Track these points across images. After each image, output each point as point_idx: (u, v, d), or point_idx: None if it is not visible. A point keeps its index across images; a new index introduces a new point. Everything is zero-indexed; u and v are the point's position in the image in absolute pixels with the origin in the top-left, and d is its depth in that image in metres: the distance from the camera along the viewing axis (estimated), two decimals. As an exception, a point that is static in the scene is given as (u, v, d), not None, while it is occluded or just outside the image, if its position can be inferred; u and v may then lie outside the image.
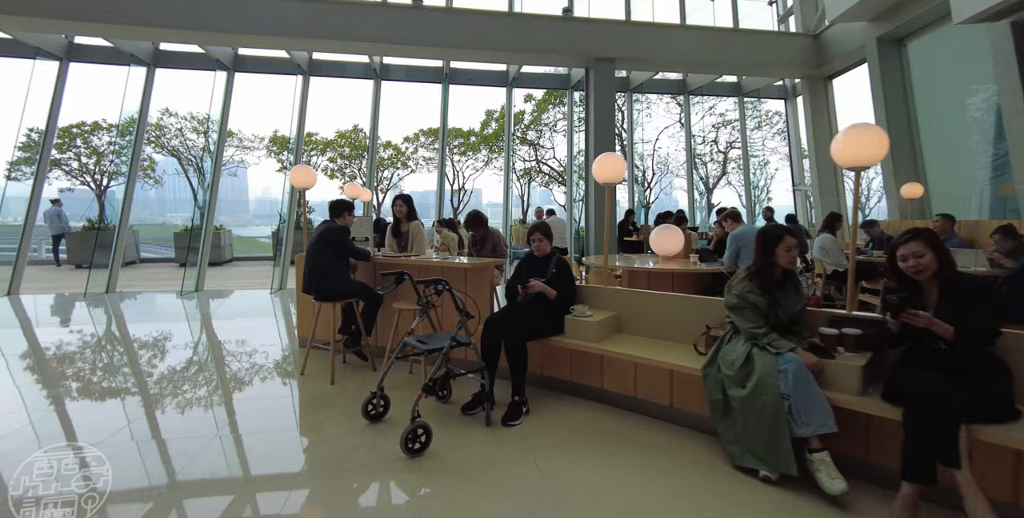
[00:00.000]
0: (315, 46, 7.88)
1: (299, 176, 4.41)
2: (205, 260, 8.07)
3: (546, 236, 3.33)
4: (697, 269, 4.73)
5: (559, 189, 13.80)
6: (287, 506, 2.07)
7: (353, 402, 3.15)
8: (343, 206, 3.86)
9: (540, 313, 3.12)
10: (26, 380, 3.64)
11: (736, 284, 2.34)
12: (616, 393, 3.05)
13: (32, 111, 8.02)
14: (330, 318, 3.77)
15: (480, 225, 4.30)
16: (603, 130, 7.82)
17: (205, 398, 3.27)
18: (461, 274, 3.74)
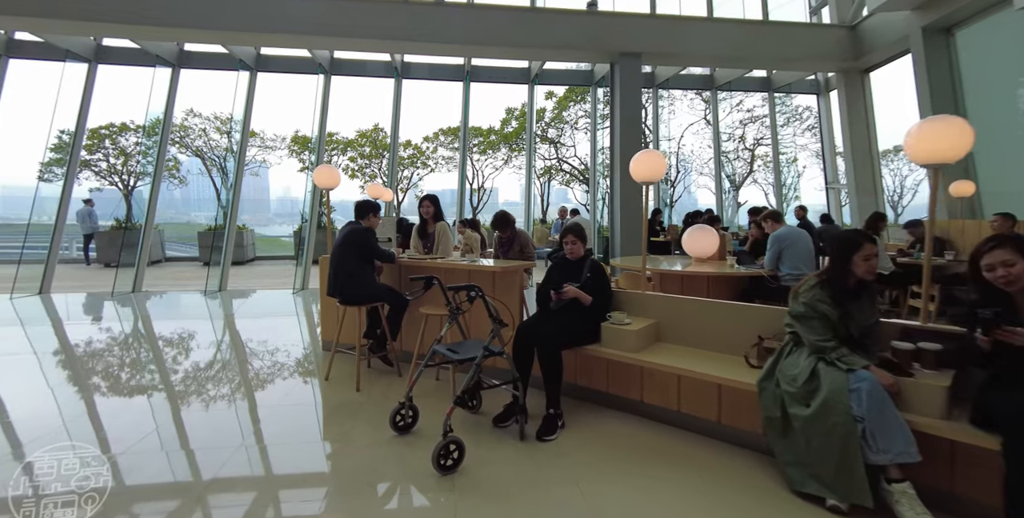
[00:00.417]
0: (336, 44, 7.83)
1: (323, 176, 4.32)
2: (228, 260, 8.10)
3: (580, 238, 3.16)
4: (735, 272, 4.50)
5: (579, 188, 13.57)
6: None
7: (379, 410, 3.03)
8: (369, 207, 3.75)
9: (574, 320, 2.95)
10: (53, 382, 3.62)
11: (804, 291, 2.13)
12: (657, 406, 2.87)
13: (63, 113, 8.16)
14: (355, 322, 3.67)
15: (507, 226, 4.15)
16: (629, 127, 7.59)
17: (229, 404, 3.19)
18: (489, 278, 3.59)
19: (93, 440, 2.67)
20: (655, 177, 3.13)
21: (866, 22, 7.81)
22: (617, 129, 7.66)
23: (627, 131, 7.57)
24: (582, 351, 2.95)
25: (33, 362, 4.16)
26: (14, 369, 3.95)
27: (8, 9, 6.24)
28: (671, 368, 2.66)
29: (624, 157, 7.50)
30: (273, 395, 3.33)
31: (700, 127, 14.03)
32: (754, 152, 13.53)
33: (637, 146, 7.64)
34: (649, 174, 3.08)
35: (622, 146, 7.54)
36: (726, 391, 2.61)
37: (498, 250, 4.27)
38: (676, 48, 7.80)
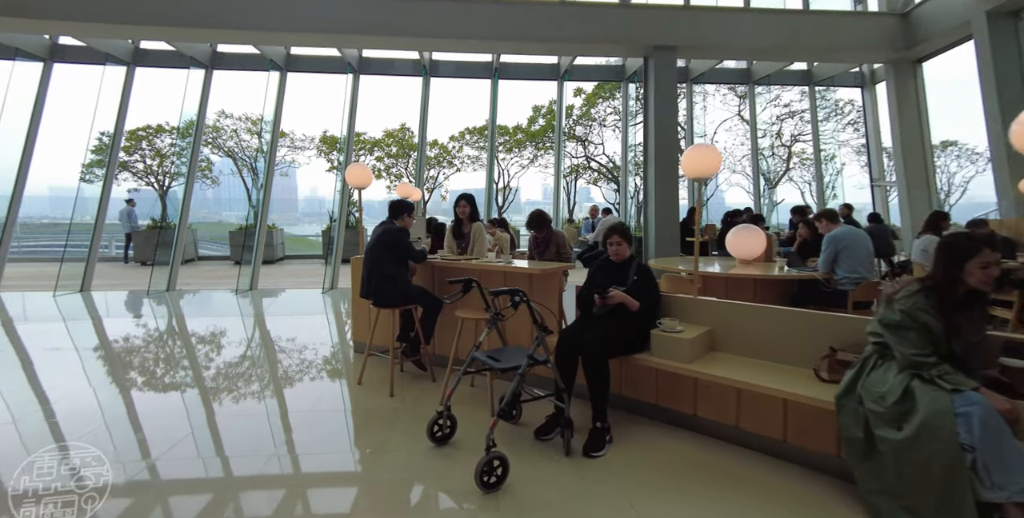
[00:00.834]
0: (364, 43, 7.78)
1: (355, 175, 4.23)
2: (259, 259, 8.16)
3: (626, 238, 2.97)
4: (785, 275, 4.23)
5: (607, 186, 13.28)
6: (354, 549, 1.83)
7: (414, 418, 2.91)
8: (403, 207, 3.63)
9: (621, 327, 2.76)
10: (92, 380, 3.62)
11: (903, 298, 1.88)
12: (713, 421, 2.66)
13: (103, 115, 8.37)
14: (388, 324, 3.56)
15: (544, 226, 3.98)
16: (664, 123, 7.31)
17: (262, 409, 3.11)
18: (526, 280, 3.43)
19: (132, 444, 2.62)
20: (708, 173, 2.91)
21: (920, 9, 7.34)
22: (651, 126, 7.39)
23: (662, 128, 7.30)
24: (629, 360, 2.76)
25: (73, 361, 4.20)
26: (56, 366, 3.99)
27: (54, 14, 6.39)
28: (730, 381, 2.44)
29: (659, 155, 7.24)
30: (306, 400, 3.24)
31: (733, 123, 13.58)
32: (791, 149, 13.01)
33: (673, 143, 7.36)
34: (702, 170, 2.86)
35: (656, 143, 7.27)
36: (793, 407, 2.38)
37: (533, 251, 4.10)
38: (712, 41, 7.49)
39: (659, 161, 7.21)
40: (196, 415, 3.03)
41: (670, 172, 7.23)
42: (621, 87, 9.74)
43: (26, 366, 4.08)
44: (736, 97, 13.29)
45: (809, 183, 14.60)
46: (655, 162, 7.22)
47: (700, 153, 2.88)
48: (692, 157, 2.87)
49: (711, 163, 2.85)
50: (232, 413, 3.05)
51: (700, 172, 2.88)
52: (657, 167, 7.18)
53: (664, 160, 7.22)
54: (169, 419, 2.93)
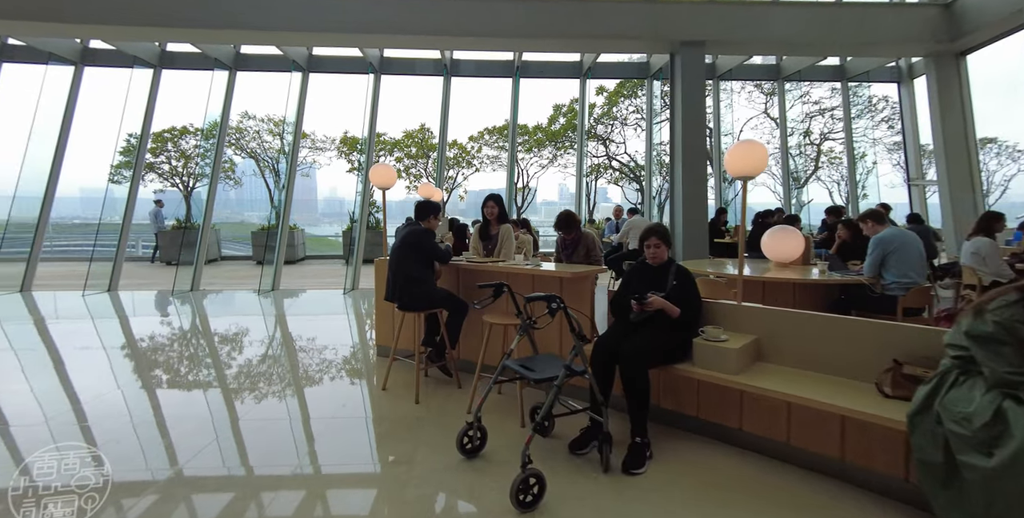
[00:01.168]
0: (386, 42, 7.74)
1: (379, 175, 4.15)
2: (281, 259, 8.18)
3: (664, 241, 2.81)
4: (826, 279, 4.00)
5: (629, 186, 13.04)
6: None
7: (441, 427, 2.80)
8: (429, 208, 3.53)
9: (660, 335, 2.60)
10: (121, 382, 3.60)
11: (998, 309, 1.68)
12: (761, 437, 2.48)
13: (131, 117, 8.51)
14: (413, 328, 3.46)
15: (573, 227, 3.83)
16: (692, 121, 7.09)
17: (285, 415, 3.03)
18: (556, 284, 3.29)
19: (157, 449, 2.56)
20: (755, 171, 2.73)
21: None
22: (678, 124, 7.18)
23: (689, 126, 7.08)
24: (668, 370, 2.60)
25: (97, 363, 4.20)
26: (81, 366, 4.00)
27: (85, 18, 6.48)
28: (783, 395, 2.26)
29: (686, 153, 7.02)
30: (330, 405, 3.16)
31: (758, 121, 13.21)
32: (820, 147, 12.59)
33: (701, 142, 7.14)
34: (749, 168, 2.68)
35: (684, 142, 7.05)
36: (853, 424, 2.19)
37: (560, 253, 3.96)
38: (741, 35, 7.23)
39: (687, 160, 6.99)
40: (220, 419, 2.97)
41: (698, 171, 7.01)
42: (645, 85, 9.52)
43: (55, 366, 4.10)
44: (762, 94, 12.94)
45: (838, 182, 14.15)
46: (682, 161, 7.00)
47: (746, 150, 2.70)
48: (738, 154, 2.70)
49: (758, 160, 2.67)
50: (255, 417, 2.98)
51: (746, 170, 2.70)
52: (685, 166, 6.97)
53: (692, 159, 7.00)
54: (192, 424, 2.87)
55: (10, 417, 2.96)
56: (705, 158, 7.14)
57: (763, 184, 14.53)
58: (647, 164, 9.27)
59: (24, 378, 3.73)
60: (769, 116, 12.98)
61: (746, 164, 2.68)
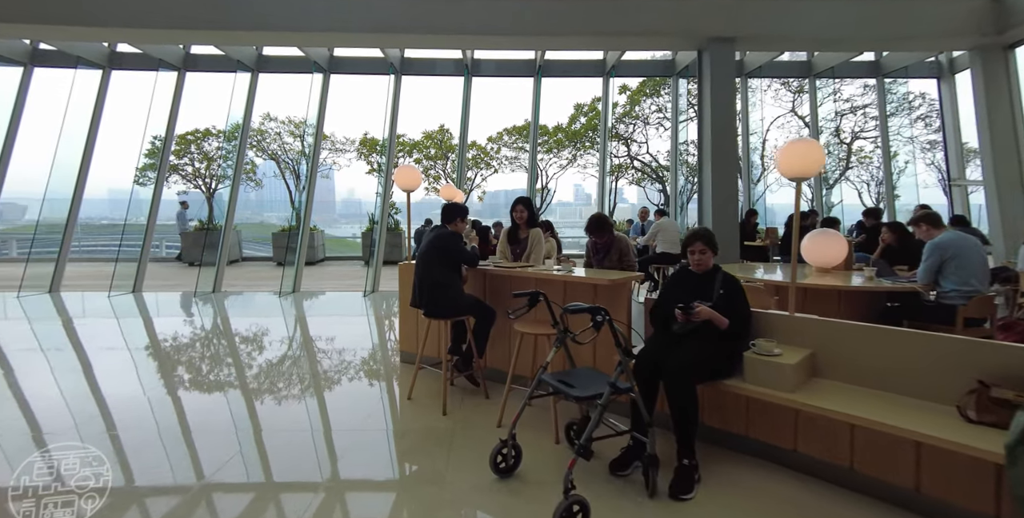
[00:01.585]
0: (408, 42, 7.65)
1: (404, 177, 4.04)
2: (302, 262, 8.16)
3: (710, 246, 2.62)
4: (875, 286, 3.76)
5: (651, 186, 12.77)
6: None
7: (470, 441, 2.66)
8: (456, 210, 3.40)
9: (706, 348, 2.42)
10: (148, 390, 3.55)
11: None
12: (820, 461, 2.28)
13: (155, 119, 8.60)
14: (439, 336, 3.33)
15: (605, 230, 3.66)
16: (721, 121, 6.83)
17: (307, 427, 2.93)
18: (590, 292, 3.12)
19: (183, 461, 2.48)
20: (810, 171, 2.53)
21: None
22: (707, 123, 6.93)
23: (719, 125, 6.83)
24: (714, 385, 2.42)
25: (120, 369, 4.17)
26: (103, 371, 3.97)
27: (112, 21, 6.53)
28: (847, 416, 2.07)
29: (716, 154, 6.78)
30: (354, 416, 3.04)
31: (785, 120, 12.84)
32: (850, 147, 12.16)
33: (731, 141, 6.89)
34: (804, 168, 2.49)
35: (713, 142, 6.81)
36: (930, 452, 1.99)
37: (591, 257, 3.79)
38: (773, 31, 6.96)
39: (716, 161, 6.75)
40: (243, 428, 2.88)
41: (728, 172, 6.75)
42: (670, 83, 9.28)
43: (78, 368, 4.08)
44: (789, 92, 12.57)
45: (867, 183, 13.67)
46: (711, 162, 6.76)
47: (802, 149, 2.50)
48: (793, 154, 2.50)
49: (814, 160, 2.47)
50: (278, 427, 2.88)
51: (801, 170, 2.50)
52: (714, 167, 6.72)
53: (721, 160, 6.75)
54: (213, 434, 2.78)
55: (36, 418, 2.92)
56: (736, 158, 6.88)
57: (789, 185, 14.12)
58: (672, 164, 9.02)
59: (44, 381, 3.71)
60: (797, 114, 12.60)
61: (802, 164, 2.48)
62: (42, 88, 8.52)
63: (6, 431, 2.76)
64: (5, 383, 3.64)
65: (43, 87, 8.53)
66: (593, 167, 13.85)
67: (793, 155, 2.50)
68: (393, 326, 5.64)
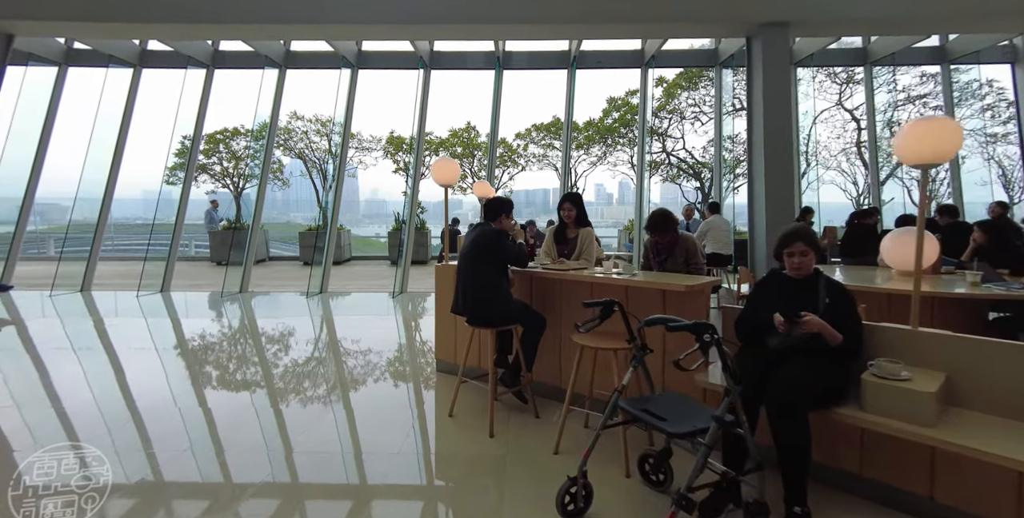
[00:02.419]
0: (438, 33, 7.37)
1: (442, 170, 3.72)
2: (330, 261, 7.96)
3: (813, 248, 2.21)
4: (981, 293, 3.26)
5: (687, 184, 12.22)
6: None
7: (527, 471, 2.32)
8: (500, 206, 3.05)
9: (817, 368, 2.02)
10: (179, 401, 3.31)
11: None
12: (969, 514, 1.85)
13: (185, 119, 8.54)
14: (481, 344, 2.99)
15: (669, 228, 3.26)
16: (775, 113, 6.31)
17: (336, 450, 2.60)
18: (659, 299, 2.73)
19: (213, 477, 2.21)
20: (944, 156, 2.09)
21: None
22: (758, 115, 6.43)
23: (772, 118, 6.31)
24: (820, 412, 2.01)
25: (149, 370, 3.97)
26: (132, 371, 3.77)
27: (141, 17, 6.43)
28: (1013, 462, 1.63)
29: (769, 148, 6.27)
30: (392, 436, 2.71)
31: (829, 114, 12.12)
32: (905, 140, 11.37)
33: (786, 134, 6.37)
34: (935, 152, 2.05)
35: (766, 136, 6.30)
36: None
37: (652, 259, 3.39)
38: (831, 13, 6.39)
39: (770, 156, 6.24)
40: (274, 448, 2.59)
41: (783, 168, 6.24)
42: (707, 74, 8.75)
43: (106, 371, 3.89)
44: (835, 83, 11.85)
45: (917, 179, 12.82)
46: (765, 157, 6.26)
47: (933, 129, 2.06)
48: (921, 134, 2.06)
49: (949, 143, 2.03)
50: (308, 449, 2.57)
51: (931, 155, 2.06)
52: (768, 163, 6.22)
53: (776, 155, 6.24)
54: (240, 454, 2.49)
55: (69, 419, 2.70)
56: (791, 152, 6.36)
57: (831, 182, 13.39)
58: (716, 160, 8.49)
59: (70, 382, 3.52)
60: (844, 107, 11.88)
61: (934, 148, 2.04)
62: (75, 88, 8.55)
63: (39, 432, 2.68)
64: (33, 383, 3.46)
65: (76, 87, 8.57)
66: (624, 164, 13.37)
67: (921, 137, 2.07)
68: (426, 330, 5.34)
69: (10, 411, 3.02)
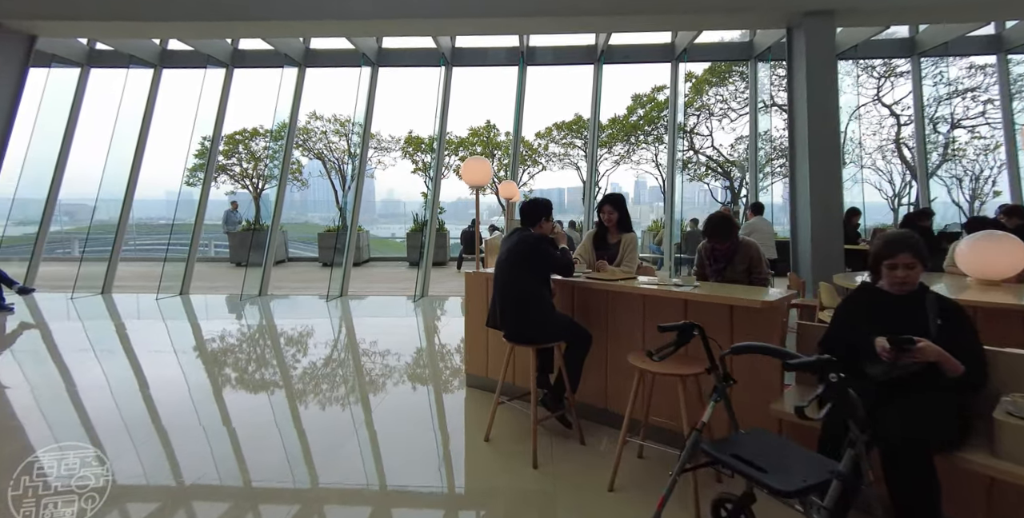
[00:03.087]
0: (462, 28, 7.09)
1: (473, 170, 3.45)
2: (350, 264, 7.78)
3: (919, 257, 1.88)
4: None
5: (715, 183, 11.78)
6: None
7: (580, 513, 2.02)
8: (539, 208, 2.76)
9: (938, 403, 1.69)
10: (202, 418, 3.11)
11: None
12: None
13: (204, 119, 8.44)
14: (521, 362, 2.71)
15: (730, 233, 2.93)
16: (821, 107, 5.90)
17: (361, 481, 2.34)
18: (723, 316, 2.40)
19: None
20: None
21: None
22: (803, 110, 6.02)
23: (818, 113, 5.89)
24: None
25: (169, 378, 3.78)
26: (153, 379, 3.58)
27: (161, 16, 6.31)
28: None
29: (815, 146, 5.87)
30: (422, 468, 2.44)
31: (864, 110, 11.54)
32: (950, 137, 10.77)
33: (832, 130, 5.96)
34: None
35: (811, 132, 5.89)
36: None
37: (707, 268, 3.07)
38: (882, 0, 5.97)
39: (815, 153, 5.84)
40: (300, 477, 2.34)
41: (830, 167, 5.83)
42: (737, 69, 8.34)
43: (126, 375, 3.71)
44: (873, 78, 11.29)
45: (959, 178, 12.18)
46: (809, 154, 5.85)
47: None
48: None
49: None
50: (331, 480, 2.32)
51: None
52: (813, 160, 5.82)
53: (822, 153, 5.84)
54: (265, 483, 2.25)
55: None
56: (839, 152, 5.95)
57: (865, 181, 12.77)
58: (752, 158, 8.07)
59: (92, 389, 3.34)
60: (882, 103, 11.32)
61: None
62: (97, 89, 8.52)
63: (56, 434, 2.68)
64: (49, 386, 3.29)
65: (97, 88, 8.53)
66: (647, 163, 12.98)
67: None
68: (452, 338, 5.09)
69: (28, 413, 3.01)
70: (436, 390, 3.58)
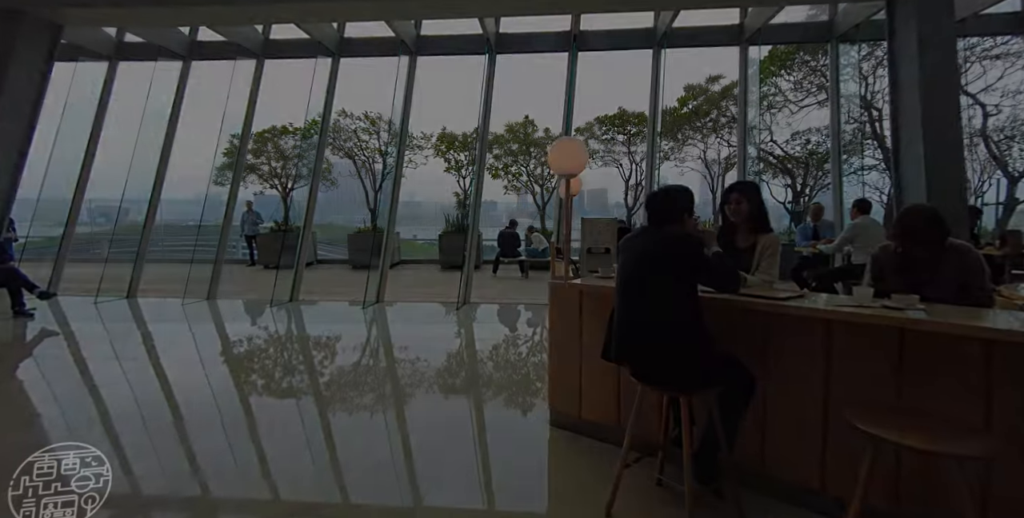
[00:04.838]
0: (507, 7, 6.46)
1: (564, 155, 2.76)
2: (386, 268, 7.19)
3: None
4: None
5: (775, 181, 10.84)
6: None
7: None
8: (679, 198, 2.05)
9: None
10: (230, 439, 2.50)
11: None
12: None
13: (233, 116, 7.98)
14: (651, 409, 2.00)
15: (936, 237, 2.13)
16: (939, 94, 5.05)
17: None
18: (977, 354, 1.65)
19: None
20: None
21: None
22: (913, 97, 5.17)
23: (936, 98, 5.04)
24: None
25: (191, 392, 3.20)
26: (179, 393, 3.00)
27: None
28: None
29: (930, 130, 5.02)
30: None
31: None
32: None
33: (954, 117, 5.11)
34: None
35: (924, 120, 5.04)
36: None
37: (892, 282, 2.28)
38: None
39: (931, 141, 4.99)
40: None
41: (951, 158, 5.00)
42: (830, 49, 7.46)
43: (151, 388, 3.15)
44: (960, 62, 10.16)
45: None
46: (924, 142, 5.01)
47: None
48: None
49: None
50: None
51: None
52: (928, 150, 4.97)
53: (940, 139, 4.99)
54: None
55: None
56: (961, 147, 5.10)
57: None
58: (834, 149, 7.17)
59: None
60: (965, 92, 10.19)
61: None
62: (124, 85, 8.13)
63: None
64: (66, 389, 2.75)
65: (125, 84, 8.15)
66: (694, 159, 12.12)
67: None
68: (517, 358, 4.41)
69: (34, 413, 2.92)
70: (519, 430, 2.90)
